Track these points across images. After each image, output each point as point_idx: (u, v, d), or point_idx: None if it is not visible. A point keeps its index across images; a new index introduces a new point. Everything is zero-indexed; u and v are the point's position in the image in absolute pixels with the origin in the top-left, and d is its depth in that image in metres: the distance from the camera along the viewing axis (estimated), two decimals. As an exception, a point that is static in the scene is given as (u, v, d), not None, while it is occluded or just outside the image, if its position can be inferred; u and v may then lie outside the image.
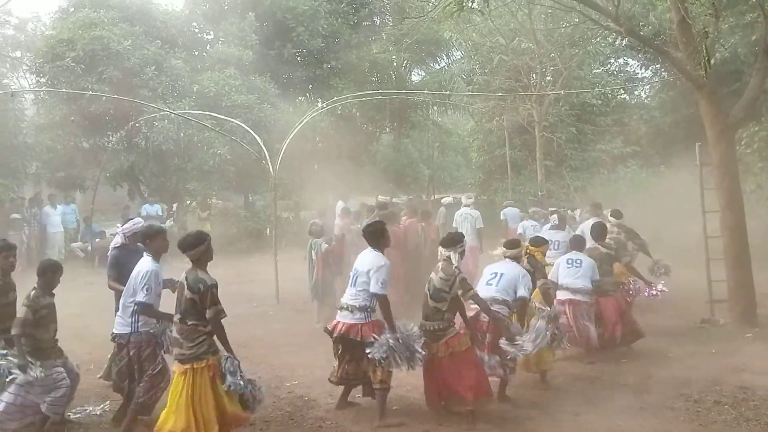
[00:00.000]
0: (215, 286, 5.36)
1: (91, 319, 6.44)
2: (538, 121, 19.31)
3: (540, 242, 8.08)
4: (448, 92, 23.37)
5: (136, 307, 5.89)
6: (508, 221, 14.98)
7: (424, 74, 28.28)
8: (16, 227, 15.91)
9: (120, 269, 6.83)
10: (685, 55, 9.58)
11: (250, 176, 19.14)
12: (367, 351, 6.05)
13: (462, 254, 6.60)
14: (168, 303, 5.84)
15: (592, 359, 8.14)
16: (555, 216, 12.54)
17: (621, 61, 25.40)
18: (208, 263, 5.55)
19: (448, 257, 6.41)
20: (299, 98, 24.35)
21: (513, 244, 7.44)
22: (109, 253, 7.33)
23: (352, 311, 6.30)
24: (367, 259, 6.40)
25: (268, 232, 17.86)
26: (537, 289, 7.51)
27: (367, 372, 6.32)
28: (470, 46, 21.97)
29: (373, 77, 26.27)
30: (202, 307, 5.30)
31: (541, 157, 19.55)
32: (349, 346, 6.35)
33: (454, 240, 6.60)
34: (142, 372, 5.93)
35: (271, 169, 12.78)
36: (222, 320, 5.35)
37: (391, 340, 6.01)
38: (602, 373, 7.74)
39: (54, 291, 6.05)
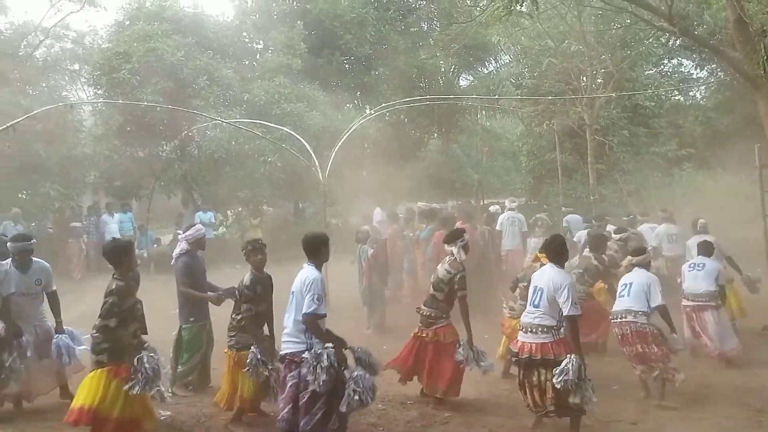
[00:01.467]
0: (248, 287, 6.46)
1: (148, 326, 6.57)
2: (589, 125, 18.98)
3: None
4: (496, 96, 23.21)
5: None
6: (571, 229, 14.40)
7: (472, 79, 28.17)
8: (75, 235, 16.42)
9: (193, 276, 7.18)
10: (742, 54, 9.31)
11: (300, 183, 19.32)
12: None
13: (464, 249, 7.00)
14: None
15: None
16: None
17: (675, 61, 24.81)
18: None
19: (452, 251, 6.96)
20: (348, 105, 24.51)
21: (639, 251, 7.62)
22: (176, 260, 7.46)
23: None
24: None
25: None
26: None
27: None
28: (519, 49, 21.77)
29: (421, 83, 26.27)
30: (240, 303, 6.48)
31: (592, 161, 19.20)
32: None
33: (455, 236, 7.13)
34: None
35: (320, 176, 12.89)
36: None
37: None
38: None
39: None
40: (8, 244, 6.81)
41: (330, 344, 5.48)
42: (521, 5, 8.85)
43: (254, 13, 24.00)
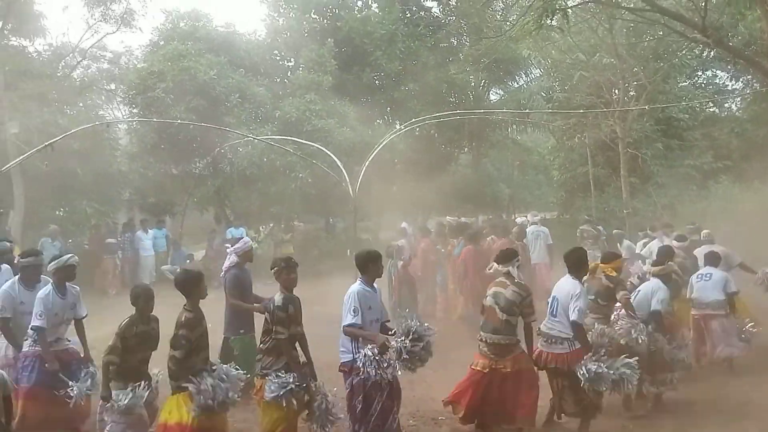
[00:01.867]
0: (281, 308, 5.88)
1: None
2: (621, 138, 18.74)
3: (611, 258, 7.66)
4: (527, 110, 23.09)
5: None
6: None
7: (502, 93, 28.09)
8: (110, 251, 16.66)
9: (242, 288, 7.31)
10: (778, 64, 9.15)
11: (331, 199, 19.40)
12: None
13: (518, 268, 6.71)
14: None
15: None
16: None
17: (709, 73, 24.48)
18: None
19: (508, 272, 6.52)
20: (378, 121, 24.60)
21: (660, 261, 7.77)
22: (225, 273, 7.61)
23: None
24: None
25: (348, 253, 18.04)
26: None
27: None
28: (549, 63, 21.64)
29: (451, 98, 26.28)
30: (272, 324, 5.93)
31: (625, 174, 18.94)
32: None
33: (509, 255, 6.71)
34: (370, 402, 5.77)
35: (351, 192, 12.95)
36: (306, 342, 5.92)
37: None
38: (700, 395, 7.39)
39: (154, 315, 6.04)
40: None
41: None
42: (552, 19, 8.81)
43: (285, 32, 24.27)
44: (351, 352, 5.85)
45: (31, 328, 6.20)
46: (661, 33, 16.16)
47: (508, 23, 21.29)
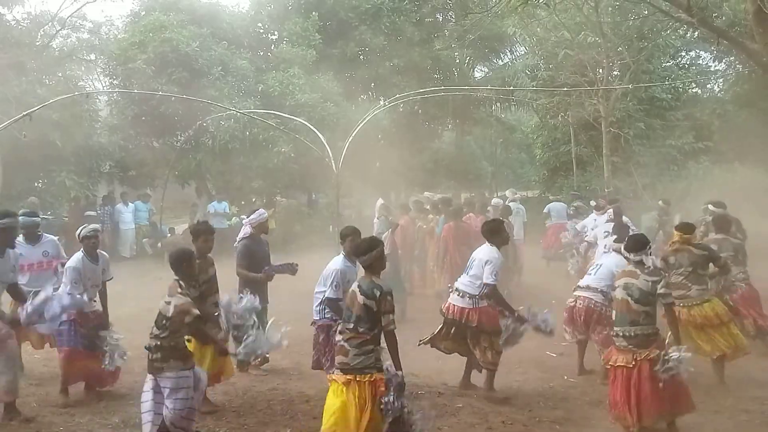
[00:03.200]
0: (391, 293, 5.08)
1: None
2: (604, 117, 18.84)
3: (690, 228, 7.62)
4: (511, 88, 23.08)
5: (323, 299, 6.50)
6: (552, 217, 15.62)
7: (487, 70, 28.04)
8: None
9: (251, 258, 7.37)
10: (761, 46, 9.14)
11: (314, 174, 19.32)
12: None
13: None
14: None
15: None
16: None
17: (692, 53, 24.53)
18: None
19: (640, 260, 5.90)
20: (362, 96, 24.48)
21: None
22: (237, 243, 7.70)
23: (462, 296, 6.96)
24: (483, 252, 7.02)
25: (330, 229, 18.02)
26: None
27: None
28: (534, 41, 21.63)
29: (436, 74, 26.17)
30: (378, 314, 5.00)
31: (608, 154, 19.06)
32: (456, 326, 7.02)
33: (643, 243, 6.03)
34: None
35: (333, 167, 12.91)
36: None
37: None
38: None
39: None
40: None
41: None
42: (538, -5, 8.76)
43: (269, 4, 23.97)
44: (318, 314, 6.59)
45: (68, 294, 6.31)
46: (645, 12, 16.14)
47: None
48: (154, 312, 5.37)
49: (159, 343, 5.22)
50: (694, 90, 24.35)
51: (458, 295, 7.01)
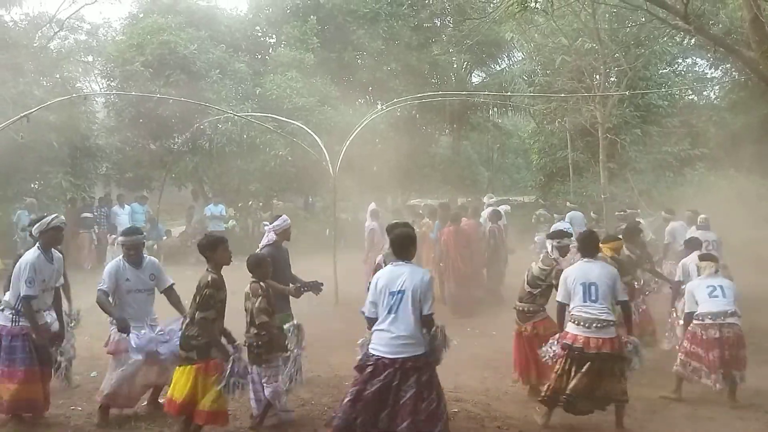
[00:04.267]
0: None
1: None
2: (601, 123, 18.85)
3: (610, 239, 8.18)
4: (508, 94, 23.12)
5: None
6: (573, 225, 14.61)
7: (484, 76, 28.10)
8: (86, 226, 16.51)
9: (274, 266, 6.73)
10: (757, 53, 9.19)
11: (311, 178, 19.35)
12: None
13: (561, 250, 7.28)
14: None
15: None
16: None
17: (689, 60, 24.66)
18: None
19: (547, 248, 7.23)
20: (359, 100, 24.51)
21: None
22: (261, 250, 7.29)
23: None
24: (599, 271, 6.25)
25: (327, 233, 18.04)
26: None
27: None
28: (532, 47, 21.64)
29: (433, 79, 26.23)
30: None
31: (604, 160, 19.07)
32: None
33: (558, 234, 7.43)
34: None
35: (331, 171, 12.90)
36: None
37: None
38: (670, 381, 7.53)
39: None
40: (120, 238, 6.59)
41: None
42: (536, 2, 8.79)
43: (267, 7, 24.02)
44: (423, 344, 5.06)
45: (22, 297, 5.69)
46: (643, 19, 16.18)
47: (492, 5, 21.23)
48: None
49: (260, 340, 5.82)
50: (690, 97, 24.45)
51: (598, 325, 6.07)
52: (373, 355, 5.04)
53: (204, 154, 19.57)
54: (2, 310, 5.84)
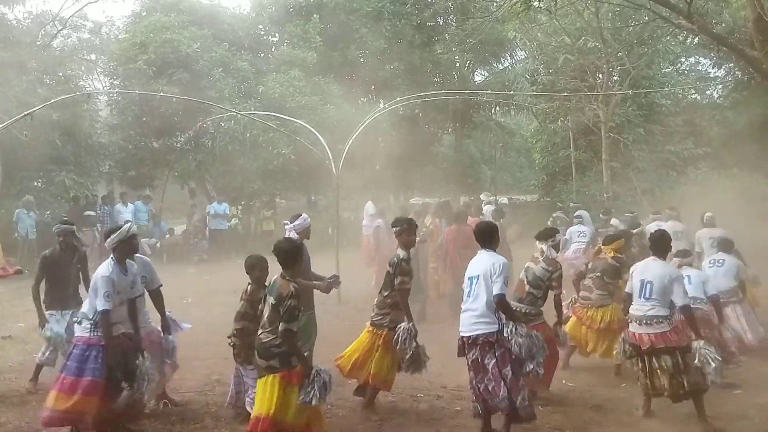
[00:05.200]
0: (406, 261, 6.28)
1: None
2: (604, 122, 18.89)
3: (612, 240, 8.23)
4: (511, 92, 23.12)
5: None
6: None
7: (487, 74, 28.10)
8: (89, 224, 16.50)
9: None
10: (761, 53, 9.18)
11: (313, 176, 19.35)
12: None
13: (555, 247, 7.10)
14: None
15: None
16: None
17: (692, 59, 24.66)
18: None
19: (541, 249, 6.91)
20: (362, 99, 24.50)
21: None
22: None
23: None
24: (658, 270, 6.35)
25: (330, 231, 18.03)
26: None
27: None
28: (535, 45, 21.66)
29: (436, 78, 26.22)
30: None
31: (607, 159, 19.11)
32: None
33: (548, 233, 7.11)
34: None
35: (333, 169, 12.90)
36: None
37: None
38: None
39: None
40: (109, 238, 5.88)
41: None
42: (540, 1, 8.78)
43: (270, 6, 24.02)
44: (496, 323, 5.72)
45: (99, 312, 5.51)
46: (646, 18, 16.22)
47: (494, 4, 21.23)
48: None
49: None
50: (693, 96, 24.43)
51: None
52: (460, 335, 5.88)
53: (207, 153, 19.60)
54: (80, 322, 5.71)
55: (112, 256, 5.79)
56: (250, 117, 17.34)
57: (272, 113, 16.37)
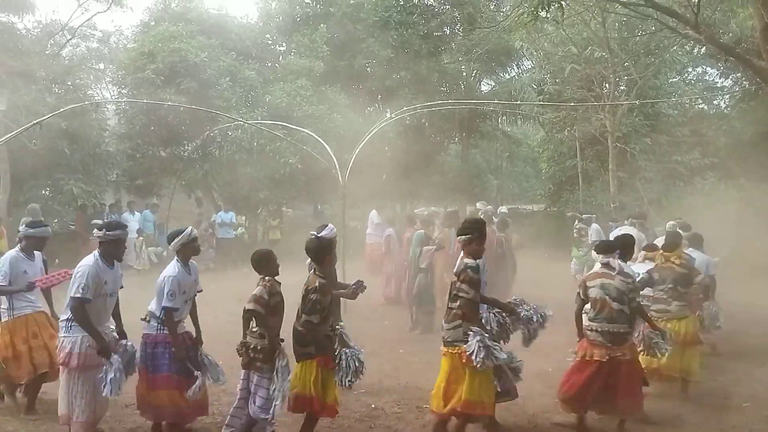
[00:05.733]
0: (473, 269, 5.69)
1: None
2: (611, 132, 18.85)
3: (673, 246, 7.75)
4: (518, 102, 23.12)
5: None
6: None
7: (493, 84, 28.09)
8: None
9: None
10: (768, 63, 9.20)
11: (320, 185, 19.39)
12: None
13: (622, 257, 6.70)
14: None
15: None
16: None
17: (699, 69, 24.62)
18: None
19: (607, 263, 6.38)
20: (368, 108, 24.55)
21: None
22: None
23: None
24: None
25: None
26: None
27: None
28: (541, 55, 21.66)
29: (443, 87, 26.25)
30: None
31: (614, 169, 19.06)
32: None
33: (610, 247, 6.62)
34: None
35: (340, 179, 12.91)
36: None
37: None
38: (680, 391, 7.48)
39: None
40: (102, 231, 5.83)
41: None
42: (547, 11, 8.79)
43: (278, 16, 24.14)
44: None
45: (163, 308, 5.78)
46: (653, 28, 16.20)
47: (501, 14, 21.26)
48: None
49: (260, 344, 5.63)
50: (700, 106, 24.36)
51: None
52: None
53: (214, 162, 19.64)
54: (148, 320, 5.92)
55: (176, 257, 6.10)
56: (257, 126, 17.39)
57: (279, 122, 16.42)
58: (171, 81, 18.50)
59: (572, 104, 19.49)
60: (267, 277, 5.67)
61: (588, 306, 6.37)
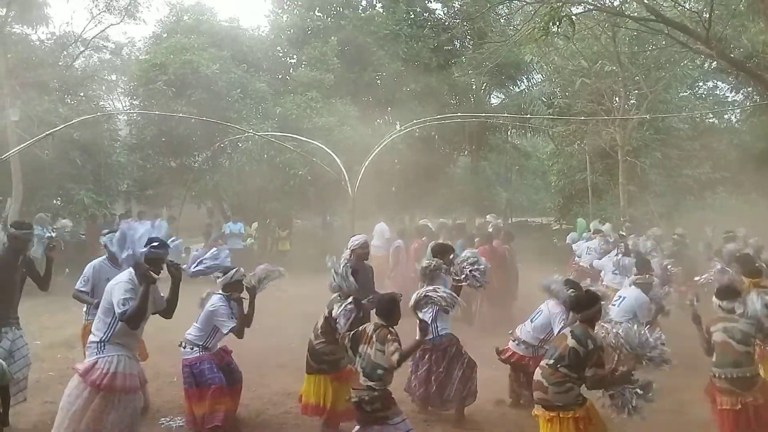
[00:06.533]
0: (602, 348, 5.08)
1: (177, 333, 6.62)
2: (621, 146, 18.81)
3: (758, 273, 7.56)
4: (528, 116, 23.12)
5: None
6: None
7: (503, 97, 28.08)
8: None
9: (359, 283, 6.71)
10: (780, 78, 9.18)
11: (329, 196, 19.42)
12: None
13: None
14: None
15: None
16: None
17: (710, 84, 24.59)
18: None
19: (732, 308, 6.07)
20: (378, 121, 24.59)
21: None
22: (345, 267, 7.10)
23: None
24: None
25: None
26: None
27: None
28: (551, 69, 21.70)
29: (452, 100, 26.28)
30: (584, 363, 5.01)
31: (624, 182, 19.01)
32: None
33: (732, 293, 6.22)
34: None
35: (349, 190, 12.95)
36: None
37: None
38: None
39: None
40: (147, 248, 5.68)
41: None
42: (559, 26, 8.77)
43: (289, 28, 24.27)
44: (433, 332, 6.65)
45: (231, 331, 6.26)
46: (664, 43, 16.21)
47: (511, 28, 21.29)
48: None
49: (372, 393, 5.19)
50: (711, 120, 24.29)
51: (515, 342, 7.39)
52: None
53: (224, 173, 19.71)
54: (184, 347, 6.35)
55: (221, 292, 6.51)
56: (268, 137, 17.46)
57: (289, 134, 16.50)
58: (182, 92, 18.62)
59: (582, 118, 19.49)
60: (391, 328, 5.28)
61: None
